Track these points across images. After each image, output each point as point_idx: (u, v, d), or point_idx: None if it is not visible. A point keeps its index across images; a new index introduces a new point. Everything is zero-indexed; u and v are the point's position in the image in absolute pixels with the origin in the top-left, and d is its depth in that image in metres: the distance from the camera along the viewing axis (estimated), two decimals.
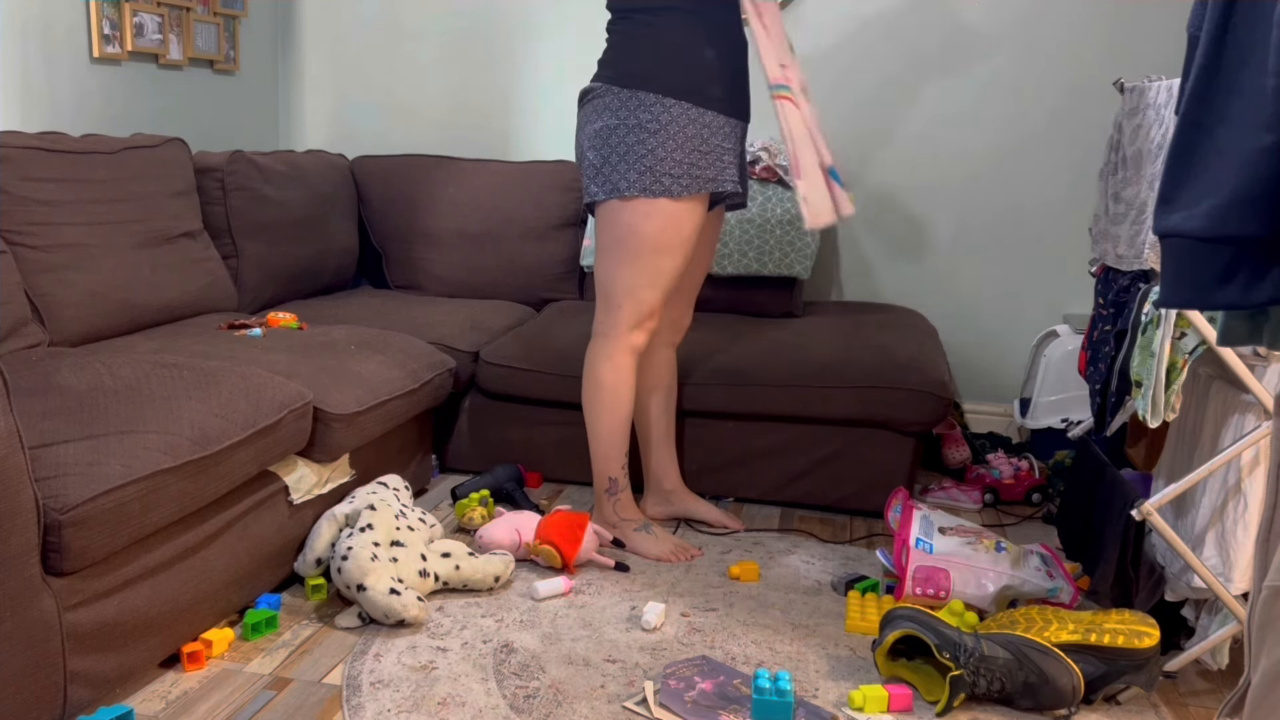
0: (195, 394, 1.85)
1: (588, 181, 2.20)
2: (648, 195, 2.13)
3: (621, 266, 2.19)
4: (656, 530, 2.35)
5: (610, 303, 2.23)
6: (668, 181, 2.12)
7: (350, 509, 2.09)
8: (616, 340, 2.24)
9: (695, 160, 2.14)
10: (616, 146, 2.14)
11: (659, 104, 2.11)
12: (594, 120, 2.16)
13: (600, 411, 2.28)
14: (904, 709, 1.75)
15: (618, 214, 2.16)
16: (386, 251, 3.38)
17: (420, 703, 1.72)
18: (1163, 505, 1.79)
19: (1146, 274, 1.89)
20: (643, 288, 2.19)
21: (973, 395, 3.34)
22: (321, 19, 3.57)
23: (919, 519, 2.15)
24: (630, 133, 2.13)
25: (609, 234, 2.19)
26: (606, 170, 2.15)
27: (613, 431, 2.29)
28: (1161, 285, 1.02)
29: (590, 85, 2.20)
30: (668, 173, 2.12)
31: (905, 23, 3.17)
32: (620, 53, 2.16)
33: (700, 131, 2.14)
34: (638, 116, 2.12)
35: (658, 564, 2.30)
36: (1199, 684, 1.89)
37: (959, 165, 3.22)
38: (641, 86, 2.12)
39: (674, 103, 2.11)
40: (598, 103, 2.16)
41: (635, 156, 2.12)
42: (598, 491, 2.36)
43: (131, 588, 1.66)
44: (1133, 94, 1.94)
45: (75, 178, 2.40)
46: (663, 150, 2.12)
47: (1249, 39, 0.91)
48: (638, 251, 2.16)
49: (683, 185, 2.14)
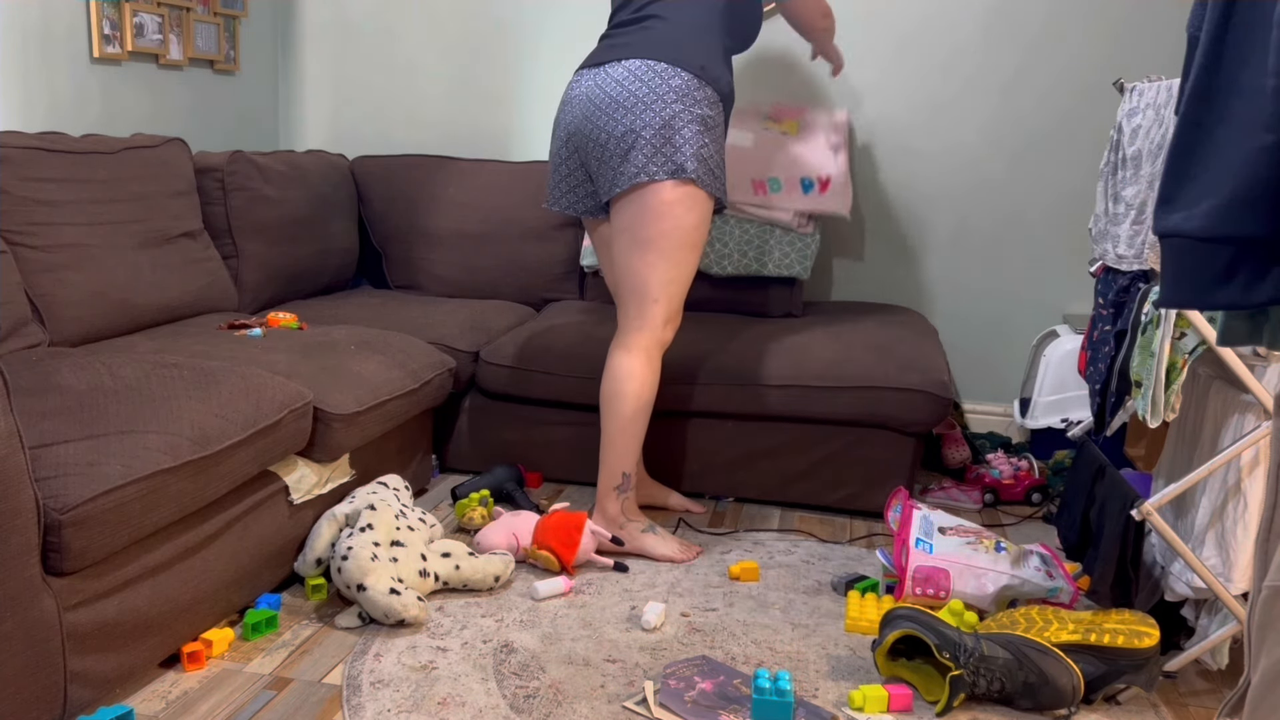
0: (195, 394, 1.85)
1: (643, 161, 2.12)
2: (700, 185, 2.15)
3: (660, 259, 2.18)
4: (660, 530, 2.34)
5: (645, 297, 2.21)
6: (711, 180, 2.17)
7: (350, 509, 2.09)
8: (650, 335, 2.23)
9: (723, 172, 2.22)
10: (680, 130, 2.13)
11: (716, 105, 2.18)
12: (653, 99, 2.11)
13: (623, 407, 2.25)
14: (904, 709, 1.75)
15: (671, 200, 2.14)
16: (386, 251, 3.38)
17: (420, 703, 1.72)
18: (1163, 505, 1.79)
19: (1146, 274, 1.89)
20: (675, 282, 2.21)
21: (973, 395, 3.34)
22: (321, 19, 3.58)
23: (919, 519, 2.15)
24: (694, 122, 2.14)
25: (650, 226, 2.16)
26: (668, 150, 2.13)
27: (630, 429, 2.27)
28: (1161, 285, 1.02)
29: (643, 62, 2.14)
30: (712, 171, 2.17)
31: (905, 23, 3.17)
32: (681, 41, 2.16)
33: (723, 141, 2.23)
34: (703, 109, 2.15)
35: (657, 564, 2.30)
36: (1199, 684, 1.89)
37: (959, 165, 3.22)
38: (710, 83, 2.16)
39: (721, 110, 2.21)
40: (654, 80, 2.12)
41: (696, 145, 2.14)
42: (605, 489, 2.31)
43: (131, 588, 1.66)
44: (1133, 94, 1.94)
45: (75, 178, 2.40)
46: (714, 146, 2.18)
47: (1249, 39, 0.91)
48: (679, 244, 2.17)
49: (718, 187, 2.20)
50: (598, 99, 2.17)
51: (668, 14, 2.18)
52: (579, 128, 2.21)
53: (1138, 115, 1.89)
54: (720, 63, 2.20)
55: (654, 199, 2.14)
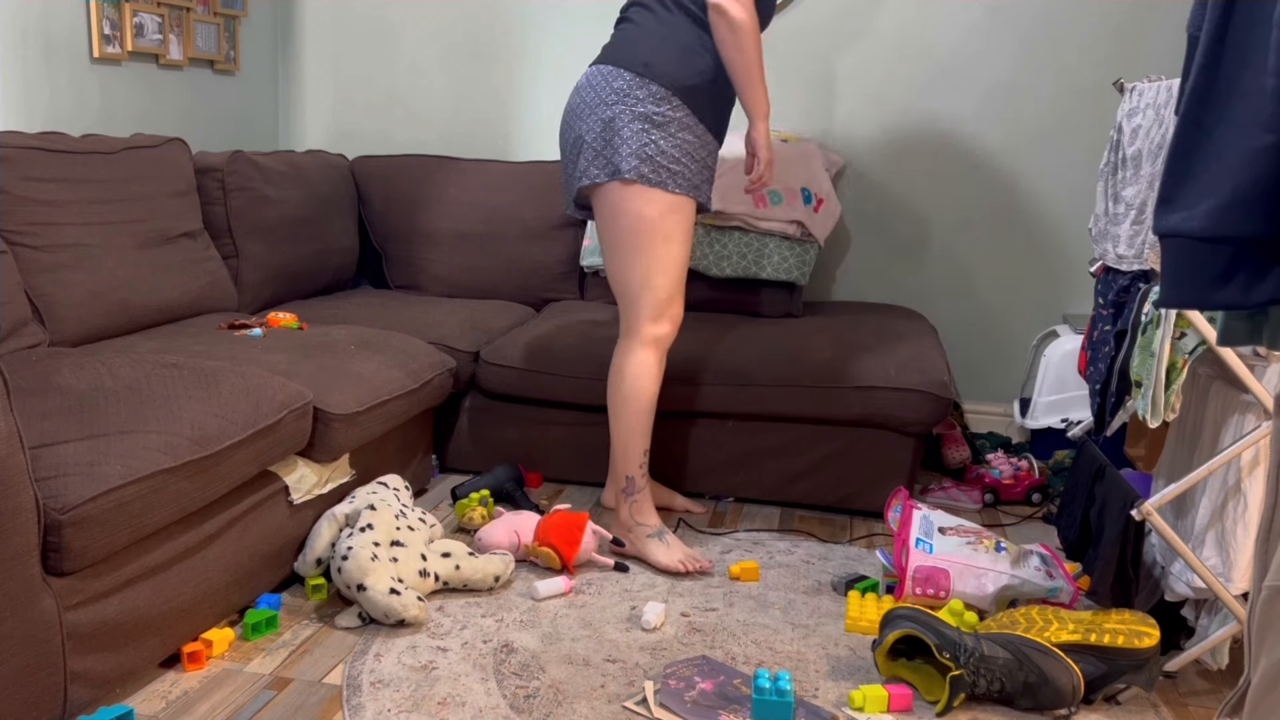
0: (195, 394, 1.85)
1: (586, 164, 2.18)
2: (644, 183, 2.13)
3: (631, 257, 2.18)
4: (669, 538, 2.29)
5: (626, 297, 2.22)
6: (664, 175, 2.13)
7: (350, 509, 2.09)
8: (640, 334, 2.23)
9: (687, 164, 2.16)
10: (620, 131, 2.13)
11: (668, 101, 2.13)
12: (596, 103, 2.15)
13: (622, 408, 2.25)
14: (904, 709, 1.75)
15: (619, 201, 2.15)
16: (386, 252, 3.38)
17: (420, 703, 1.72)
18: (1163, 505, 1.79)
19: (1146, 274, 1.89)
20: (654, 275, 2.18)
21: (973, 395, 3.34)
22: (321, 19, 3.57)
23: (919, 519, 2.15)
24: (636, 120, 2.13)
25: (613, 226, 2.18)
26: (608, 153, 2.14)
27: (631, 428, 2.25)
28: (1161, 285, 1.02)
29: (596, 67, 2.19)
30: (665, 166, 2.14)
31: (906, 22, 3.17)
32: (636, 40, 2.16)
33: (694, 139, 2.17)
34: (646, 106, 2.13)
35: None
36: (1199, 684, 1.89)
37: (959, 165, 3.22)
38: (656, 79, 2.13)
39: (679, 104, 2.14)
40: (600, 85, 2.16)
41: (639, 144, 2.12)
42: (615, 492, 2.35)
43: (132, 588, 1.66)
44: (1133, 94, 1.94)
45: (75, 178, 2.40)
46: (665, 144, 2.13)
47: (1249, 39, 0.91)
48: (644, 240, 2.16)
49: (677, 183, 2.15)
50: (567, 108, 2.26)
51: (636, 16, 2.20)
52: (559, 136, 2.31)
53: (1138, 115, 1.89)
54: (679, 58, 2.14)
55: (604, 202, 2.18)
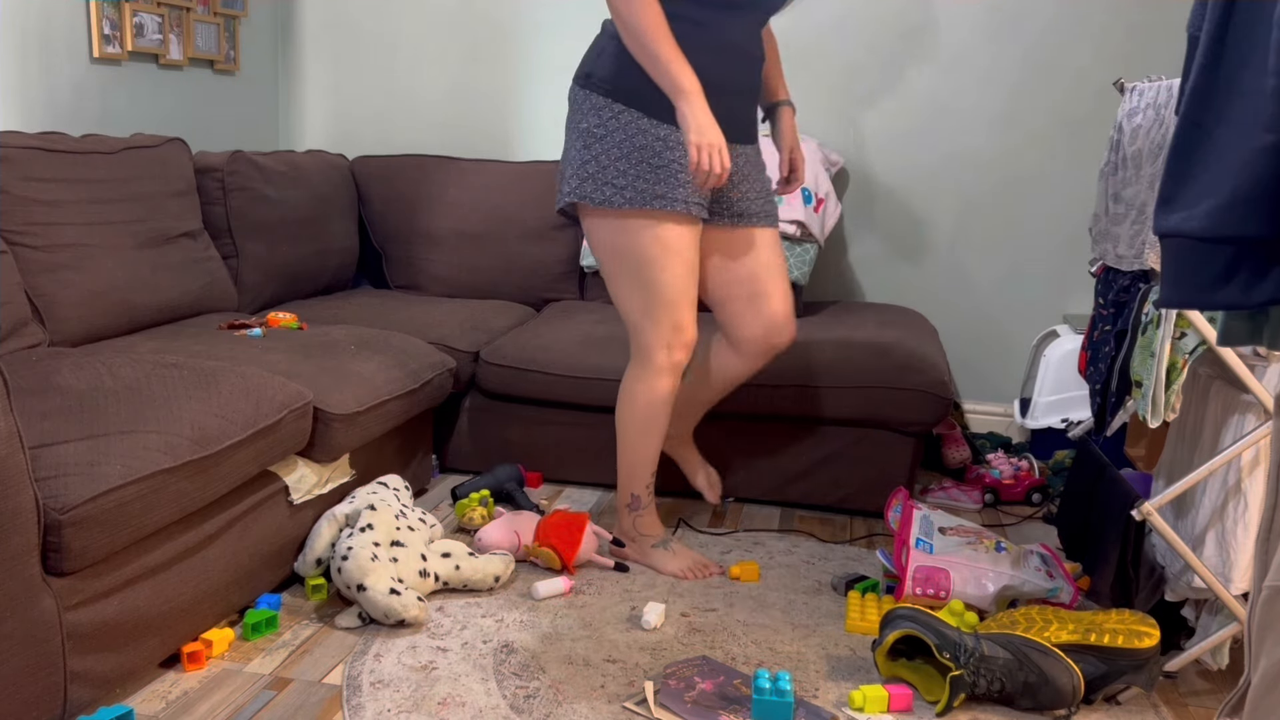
0: (195, 394, 1.85)
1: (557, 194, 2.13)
2: (589, 203, 2.02)
3: (619, 284, 2.10)
4: (675, 546, 2.28)
5: (628, 323, 2.14)
6: (609, 191, 1.99)
7: (350, 509, 2.09)
8: (649, 362, 2.13)
9: (641, 173, 1.99)
10: (567, 151, 2.08)
11: (607, 108, 1.99)
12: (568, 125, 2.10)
13: (624, 429, 2.20)
14: (904, 709, 1.75)
15: (588, 230, 2.09)
16: (386, 252, 3.38)
17: (420, 703, 1.72)
18: (1163, 505, 1.79)
19: (1146, 274, 1.89)
20: (653, 306, 2.07)
21: (973, 395, 3.34)
22: (321, 19, 3.57)
23: (919, 519, 2.15)
24: (579, 137, 2.03)
25: (595, 250, 2.12)
26: (563, 176, 2.09)
27: (638, 452, 2.20)
28: (1161, 285, 1.02)
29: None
30: (609, 182, 1.99)
31: (907, 22, 3.17)
32: (587, 52, 2.08)
33: (652, 144, 1.99)
34: (587, 120, 2.02)
35: None
36: (1199, 684, 1.89)
37: (960, 165, 3.22)
38: (594, 89, 2.01)
39: (622, 109, 1.98)
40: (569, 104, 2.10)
41: (580, 162, 2.03)
42: (619, 504, 2.29)
43: (132, 588, 1.66)
44: (1133, 94, 1.94)
45: (75, 178, 2.40)
46: (606, 158, 2.00)
47: (1249, 39, 0.91)
48: (625, 265, 2.06)
49: (625, 197, 1.99)
50: None
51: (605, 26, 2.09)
52: None
53: (1138, 115, 1.89)
54: (617, 60, 1.99)
55: (585, 229, 2.11)
